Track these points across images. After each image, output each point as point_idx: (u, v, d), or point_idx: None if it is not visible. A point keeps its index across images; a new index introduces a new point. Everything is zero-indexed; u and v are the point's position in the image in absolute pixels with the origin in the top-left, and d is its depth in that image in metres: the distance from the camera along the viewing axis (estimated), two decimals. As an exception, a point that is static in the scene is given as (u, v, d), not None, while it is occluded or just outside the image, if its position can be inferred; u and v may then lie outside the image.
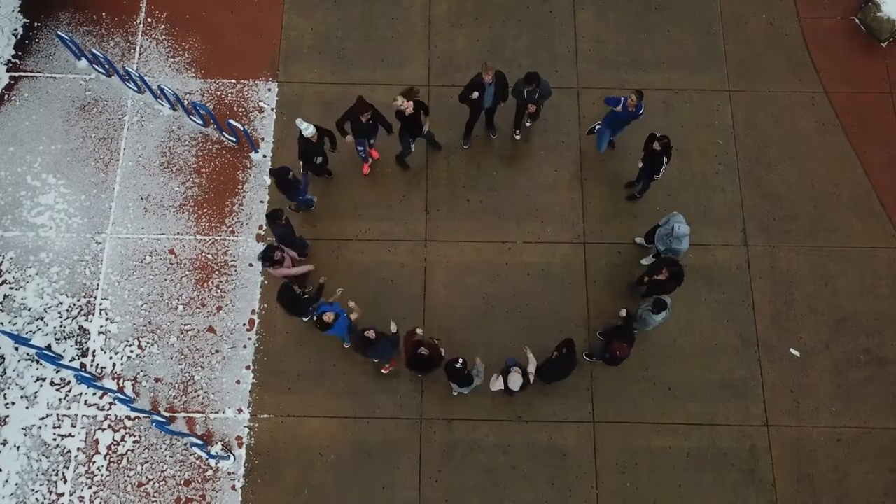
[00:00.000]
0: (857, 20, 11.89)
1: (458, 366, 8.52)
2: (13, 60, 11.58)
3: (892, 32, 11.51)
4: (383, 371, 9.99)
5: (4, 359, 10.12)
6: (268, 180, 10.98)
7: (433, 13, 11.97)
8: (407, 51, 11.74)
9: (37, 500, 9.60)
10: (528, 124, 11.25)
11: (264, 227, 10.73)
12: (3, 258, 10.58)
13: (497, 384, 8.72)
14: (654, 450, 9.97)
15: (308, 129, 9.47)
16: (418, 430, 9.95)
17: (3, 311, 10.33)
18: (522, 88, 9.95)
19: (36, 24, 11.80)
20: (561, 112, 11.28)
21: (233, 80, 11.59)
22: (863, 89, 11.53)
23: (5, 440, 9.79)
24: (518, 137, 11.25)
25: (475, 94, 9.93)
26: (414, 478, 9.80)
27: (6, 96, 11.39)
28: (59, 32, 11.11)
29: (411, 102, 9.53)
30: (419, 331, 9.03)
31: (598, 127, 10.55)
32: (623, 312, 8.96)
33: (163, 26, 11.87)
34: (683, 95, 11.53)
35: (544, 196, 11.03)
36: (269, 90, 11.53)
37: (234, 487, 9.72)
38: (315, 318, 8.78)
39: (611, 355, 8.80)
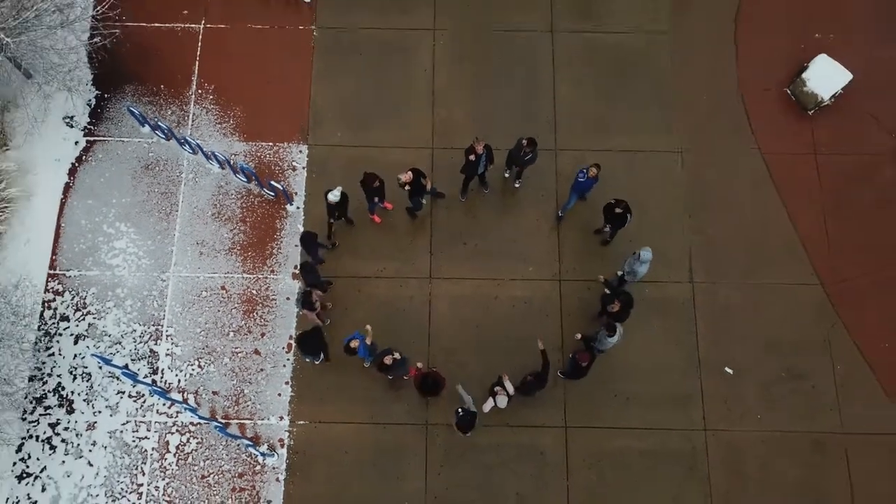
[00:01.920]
0: (788, 91, 14.26)
1: (462, 415, 10.99)
2: (88, 126, 13.97)
3: (816, 104, 13.86)
4: (406, 378, 12.29)
5: (92, 376, 12.56)
6: (301, 227, 13.37)
7: (436, 85, 14.33)
8: (415, 117, 14.10)
9: (121, 489, 12.05)
10: (516, 185, 13.62)
11: (298, 268, 13.11)
12: (87, 293, 13.01)
13: (488, 405, 11.17)
14: (615, 450, 12.39)
15: (334, 196, 11.85)
16: (424, 434, 12.37)
17: (88, 337, 12.76)
18: (520, 147, 12.31)
19: (106, 95, 14.18)
20: (541, 170, 13.61)
21: (270, 143, 13.98)
22: (792, 151, 13.90)
23: (95, 441, 12.24)
24: (517, 185, 13.62)
25: (471, 157, 12.35)
26: (421, 472, 12.21)
27: (84, 157, 13.79)
28: (127, 104, 13.51)
29: (410, 174, 11.95)
30: (419, 364, 11.49)
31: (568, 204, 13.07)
32: (578, 336, 11.51)
33: (211, 97, 14.25)
34: (642, 156, 13.90)
35: (527, 241, 13.42)
36: (301, 152, 13.92)
37: (277, 479, 12.16)
38: (343, 346, 11.22)
39: (575, 364, 11.22)
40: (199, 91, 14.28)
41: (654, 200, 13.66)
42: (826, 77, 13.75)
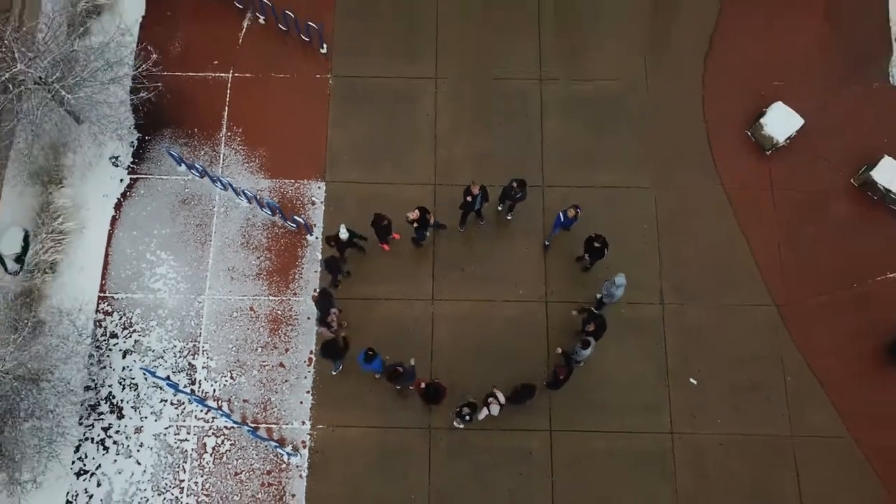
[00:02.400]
0: (749, 133, 16.11)
1: (467, 417, 12.91)
2: (132, 165, 15.86)
3: (773, 145, 15.71)
4: (411, 388, 14.12)
5: (138, 386, 14.43)
6: (319, 255, 15.24)
7: (438, 128, 16.19)
8: (419, 157, 15.95)
9: (166, 484, 13.91)
10: (508, 217, 15.49)
11: (317, 291, 14.96)
12: (133, 313, 14.89)
13: (483, 414, 13.05)
14: (593, 450, 14.21)
15: (343, 234, 13.74)
16: (428, 436, 14.22)
17: (135, 352, 14.64)
18: (511, 188, 14.21)
19: (147, 137, 16.05)
20: (530, 205, 15.39)
21: (292, 180, 15.85)
22: (751, 187, 15.74)
23: (142, 443, 14.10)
24: (509, 218, 15.46)
25: (468, 198, 14.25)
26: (424, 470, 14.05)
27: (128, 193, 15.68)
28: (166, 146, 15.40)
29: (417, 212, 13.81)
30: (423, 384, 13.37)
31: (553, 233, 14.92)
32: (558, 350, 13.34)
33: (239, 139, 16.13)
34: (620, 192, 15.73)
35: (518, 267, 15.27)
36: (319, 188, 15.79)
37: (300, 476, 14.01)
38: (364, 353, 13.03)
39: (555, 376, 13.11)
40: (229, 133, 16.16)
41: (631, 231, 15.50)
42: (781, 122, 15.59)
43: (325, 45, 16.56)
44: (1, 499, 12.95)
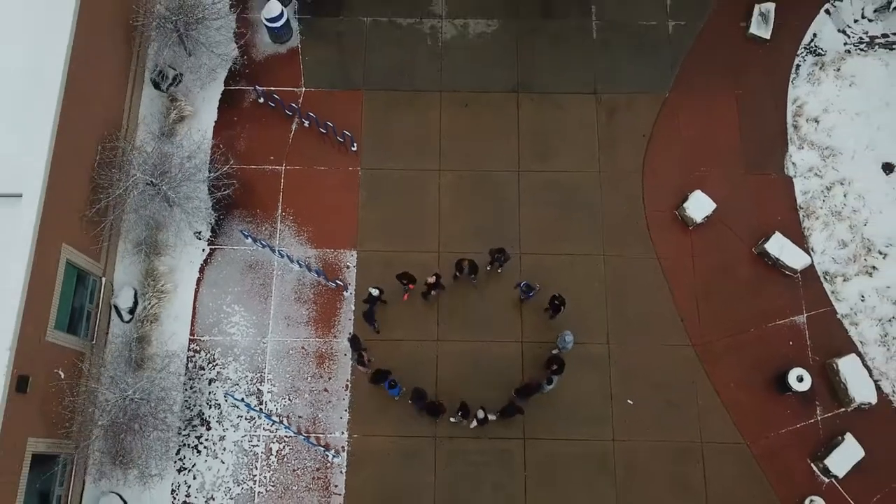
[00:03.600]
0: (676, 213, 21.29)
1: (458, 413, 18.06)
2: (210, 238, 21.02)
3: (693, 223, 20.86)
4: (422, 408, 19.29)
5: (221, 405, 19.59)
6: (353, 307, 20.40)
7: (441, 209, 21.37)
8: (427, 231, 21.08)
9: (242, 478, 19.05)
10: (499, 271, 20.64)
11: (351, 334, 20.06)
12: (215, 351, 20.06)
13: (473, 424, 18.20)
14: (557, 454, 19.30)
15: (374, 292, 18.90)
16: (434, 443, 19.35)
17: (217, 380, 19.80)
18: (494, 253, 19.40)
19: (221, 217, 21.23)
20: (510, 268, 20.55)
21: (332, 249, 21.01)
22: (677, 255, 20.84)
23: (225, 448, 19.25)
24: (500, 271, 20.57)
25: (457, 274, 19.47)
26: (432, 467, 19.15)
27: (208, 260, 20.84)
28: (237, 226, 20.61)
29: (434, 278, 19.00)
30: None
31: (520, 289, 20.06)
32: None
33: (291, 217, 21.31)
34: (577, 258, 20.90)
35: (501, 315, 20.40)
36: (353, 255, 20.95)
37: (341, 472, 19.14)
38: (389, 382, 18.17)
39: (527, 385, 18.28)
40: (283, 213, 21.34)
41: (585, 288, 20.62)
42: (699, 206, 20.73)
43: (355, 145, 21.73)
44: (136, 487, 18.16)
